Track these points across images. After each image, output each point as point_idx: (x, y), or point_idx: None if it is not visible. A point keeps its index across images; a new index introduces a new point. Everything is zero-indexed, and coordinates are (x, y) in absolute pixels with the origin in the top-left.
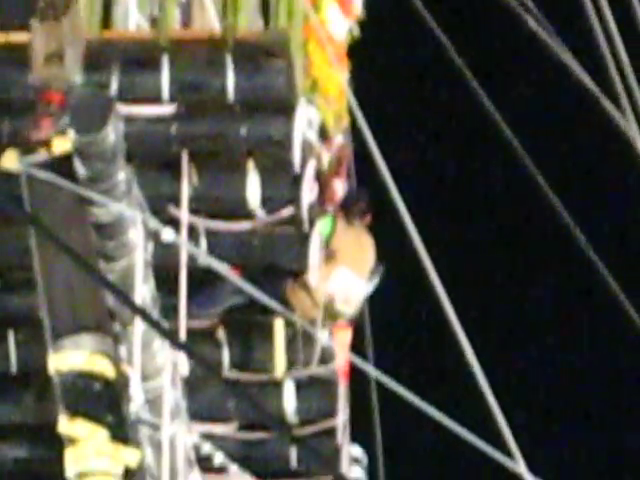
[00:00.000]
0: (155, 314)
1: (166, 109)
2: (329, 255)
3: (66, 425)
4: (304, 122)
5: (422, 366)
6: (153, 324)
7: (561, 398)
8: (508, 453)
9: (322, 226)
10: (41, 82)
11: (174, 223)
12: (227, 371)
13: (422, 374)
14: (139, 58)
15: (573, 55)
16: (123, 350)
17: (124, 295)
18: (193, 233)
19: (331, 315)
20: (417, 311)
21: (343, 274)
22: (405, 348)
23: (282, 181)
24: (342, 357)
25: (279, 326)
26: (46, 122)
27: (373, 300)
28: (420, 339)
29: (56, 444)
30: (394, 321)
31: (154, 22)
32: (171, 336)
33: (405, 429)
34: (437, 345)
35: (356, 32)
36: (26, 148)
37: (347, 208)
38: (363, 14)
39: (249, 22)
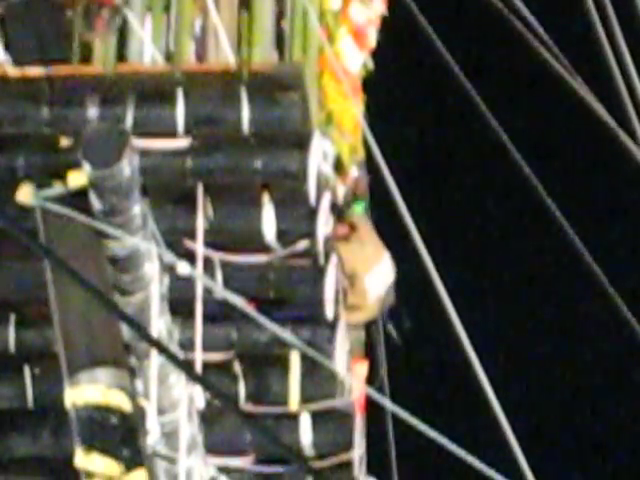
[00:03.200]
0: (171, 347)
1: (181, 142)
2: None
3: (83, 459)
4: (319, 155)
5: (439, 399)
6: (169, 357)
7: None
8: None
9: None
10: None
11: (190, 256)
12: (243, 404)
13: (439, 407)
14: (154, 92)
15: (590, 89)
16: (139, 384)
17: (140, 328)
18: (209, 266)
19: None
20: (435, 345)
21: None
22: (422, 382)
23: (298, 214)
24: (358, 390)
25: (295, 359)
26: (100, 23)
27: (390, 333)
28: (438, 373)
29: (73, 478)
30: (411, 354)
31: (169, 56)
32: (187, 369)
33: (422, 462)
34: (455, 379)
35: (370, 65)
36: (41, 182)
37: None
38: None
39: (264, 55)
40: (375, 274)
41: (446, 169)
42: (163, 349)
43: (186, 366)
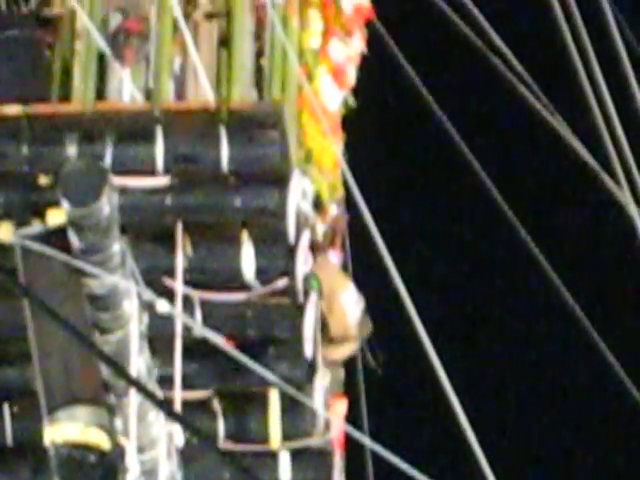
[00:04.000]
0: (150, 385)
1: (160, 181)
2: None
3: None
4: (298, 193)
5: (419, 437)
6: (148, 395)
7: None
8: None
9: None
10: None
11: (169, 294)
12: (222, 442)
13: (419, 444)
14: (133, 130)
15: (571, 131)
16: (118, 422)
17: (119, 367)
18: (188, 304)
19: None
20: (414, 382)
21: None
22: (401, 418)
23: (277, 252)
24: (338, 427)
25: (274, 397)
26: (129, 52)
27: (368, 371)
28: (416, 410)
29: None
30: (390, 390)
31: (148, 94)
32: (166, 407)
33: None
34: (434, 416)
35: (352, 102)
36: (20, 220)
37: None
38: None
39: (243, 93)
40: (349, 293)
41: (426, 206)
42: (142, 388)
43: (165, 405)
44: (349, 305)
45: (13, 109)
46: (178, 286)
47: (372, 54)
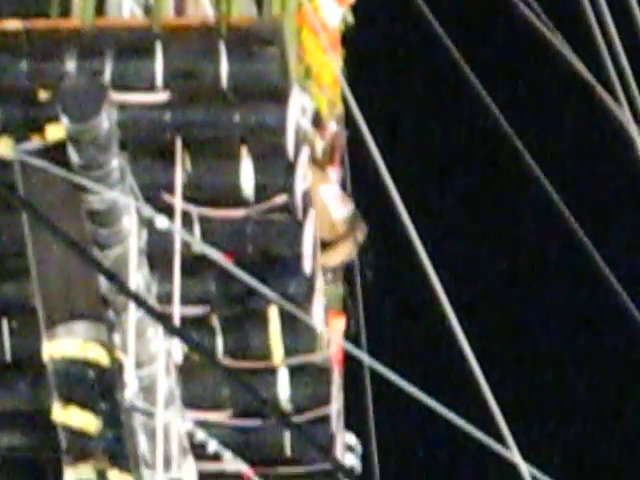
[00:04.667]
0: (149, 301)
1: (160, 96)
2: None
3: (60, 413)
4: (298, 109)
5: (416, 353)
6: (147, 309)
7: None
8: (502, 441)
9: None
10: None
11: (168, 210)
12: (221, 358)
13: (416, 361)
14: (133, 46)
15: (569, 45)
16: (117, 337)
17: (118, 280)
18: (187, 220)
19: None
20: (412, 297)
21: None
22: (399, 335)
23: (276, 168)
24: (336, 344)
25: (273, 313)
26: None
27: (366, 287)
28: (414, 326)
29: (50, 432)
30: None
31: (148, 10)
32: (165, 321)
33: (399, 417)
34: (431, 332)
35: (350, 19)
36: (20, 135)
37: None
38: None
39: (242, 9)
40: (329, 187)
41: (424, 122)
42: (141, 302)
43: (164, 318)
44: (330, 199)
45: (13, 24)
46: (177, 202)
47: None
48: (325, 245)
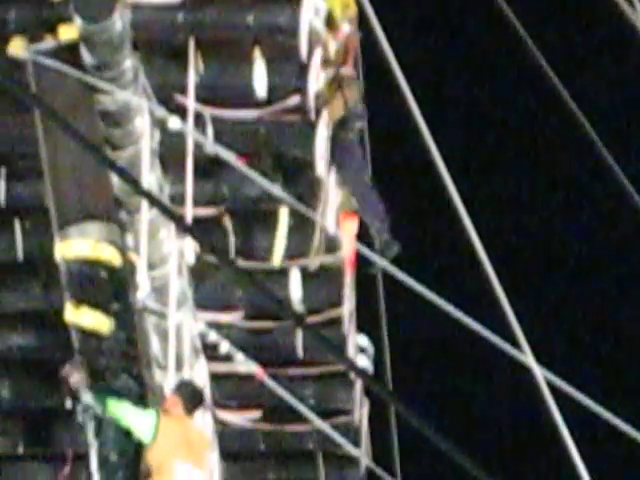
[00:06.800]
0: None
1: None
2: None
3: (72, 313)
4: (311, 10)
5: (429, 255)
6: (161, 207)
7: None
8: (516, 344)
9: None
10: None
11: (181, 111)
12: (233, 259)
13: (429, 263)
14: None
15: None
16: (130, 238)
17: (132, 179)
18: (200, 121)
19: None
20: (428, 202)
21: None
22: (412, 236)
23: (289, 69)
24: (348, 246)
25: (283, 214)
26: None
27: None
28: (429, 229)
29: (62, 331)
30: (403, 211)
31: None
32: (178, 220)
33: (411, 318)
34: (445, 235)
35: None
36: (33, 36)
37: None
38: None
39: None
40: None
41: (439, 24)
42: (154, 200)
43: (177, 217)
44: None
45: None
46: (190, 103)
47: None
48: None
